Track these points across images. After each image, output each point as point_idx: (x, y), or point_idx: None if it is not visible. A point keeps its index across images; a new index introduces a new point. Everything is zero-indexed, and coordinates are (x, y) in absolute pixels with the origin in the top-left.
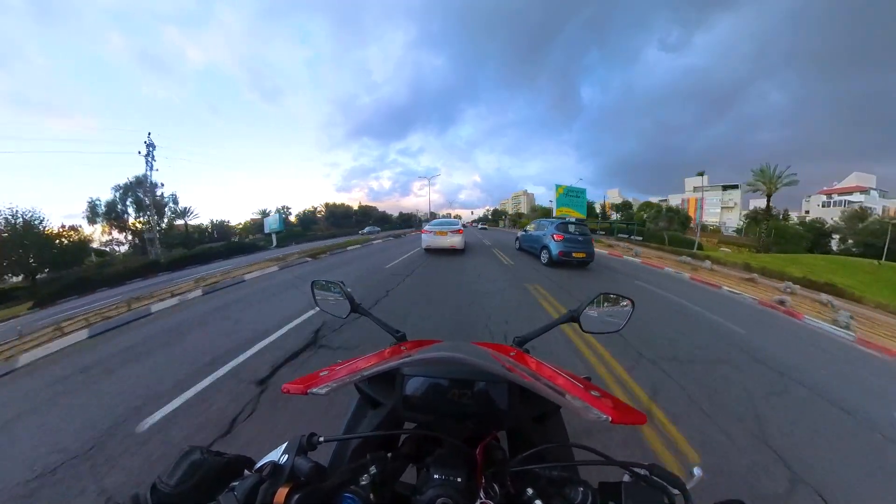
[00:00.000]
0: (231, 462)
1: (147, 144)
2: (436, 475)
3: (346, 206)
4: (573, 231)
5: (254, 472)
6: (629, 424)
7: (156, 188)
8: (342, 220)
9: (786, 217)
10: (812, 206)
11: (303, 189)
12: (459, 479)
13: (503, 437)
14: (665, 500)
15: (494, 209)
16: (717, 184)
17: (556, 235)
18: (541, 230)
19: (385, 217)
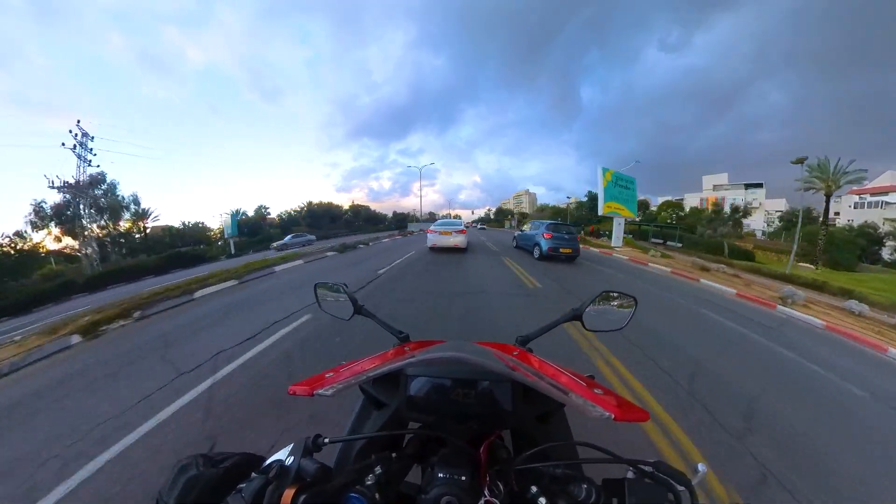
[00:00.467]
0: (233, 466)
1: (75, 135)
2: (440, 474)
3: (335, 206)
4: (561, 231)
5: (260, 474)
6: (632, 421)
7: (100, 185)
8: (322, 221)
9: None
10: (843, 208)
11: (303, 190)
12: (464, 478)
13: (507, 436)
14: (670, 497)
15: (498, 207)
16: (739, 182)
17: (546, 234)
18: (535, 230)
19: (375, 217)
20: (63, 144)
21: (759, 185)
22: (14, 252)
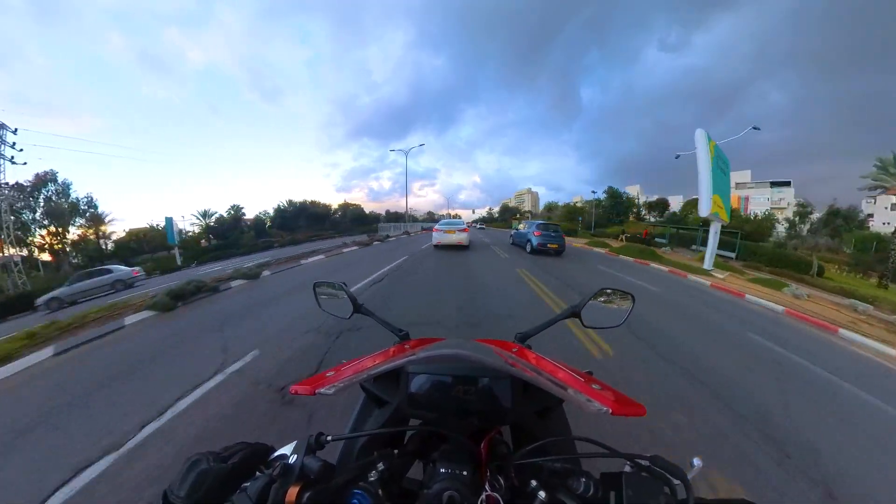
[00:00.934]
0: (241, 461)
1: None
2: (442, 470)
3: (320, 204)
4: (549, 230)
5: (264, 473)
6: (629, 416)
7: (46, 186)
8: (297, 222)
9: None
10: (877, 209)
11: (303, 190)
12: (465, 473)
13: (506, 432)
14: (666, 490)
15: (504, 205)
16: (765, 180)
17: (536, 232)
18: (527, 229)
19: (361, 216)
20: None
21: (787, 184)
22: None
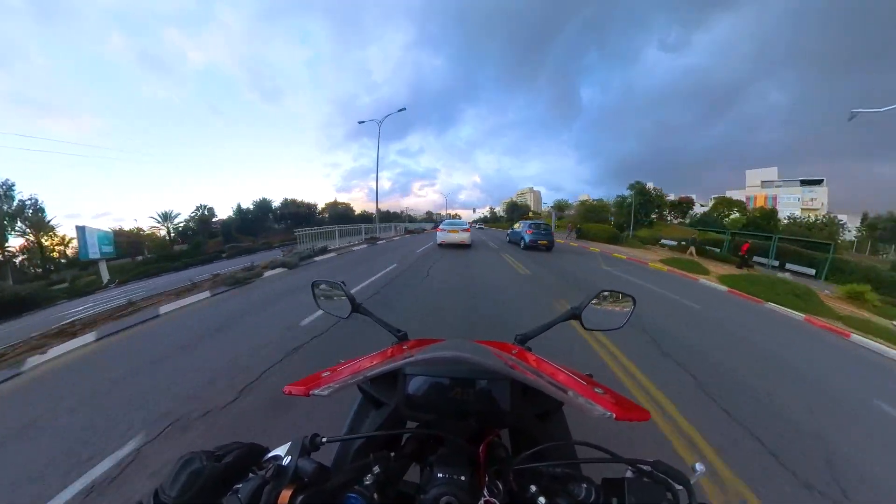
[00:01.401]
0: (235, 461)
1: None
2: (439, 474)
3: (301, 203)
4: (539, 229)
5: (257, 474)
6: (633, 421)
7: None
8: (261, 225)
9: None
10: None
11: (303, 190)
12: (463, 478)
13: (505, 435)
14: (668, 496)
15: (511, 201)
16: (794, 178)
17: (528, 231)
18: (521, 228)
19: (346, 215)
20: None
21: (819, 182)
22: None
